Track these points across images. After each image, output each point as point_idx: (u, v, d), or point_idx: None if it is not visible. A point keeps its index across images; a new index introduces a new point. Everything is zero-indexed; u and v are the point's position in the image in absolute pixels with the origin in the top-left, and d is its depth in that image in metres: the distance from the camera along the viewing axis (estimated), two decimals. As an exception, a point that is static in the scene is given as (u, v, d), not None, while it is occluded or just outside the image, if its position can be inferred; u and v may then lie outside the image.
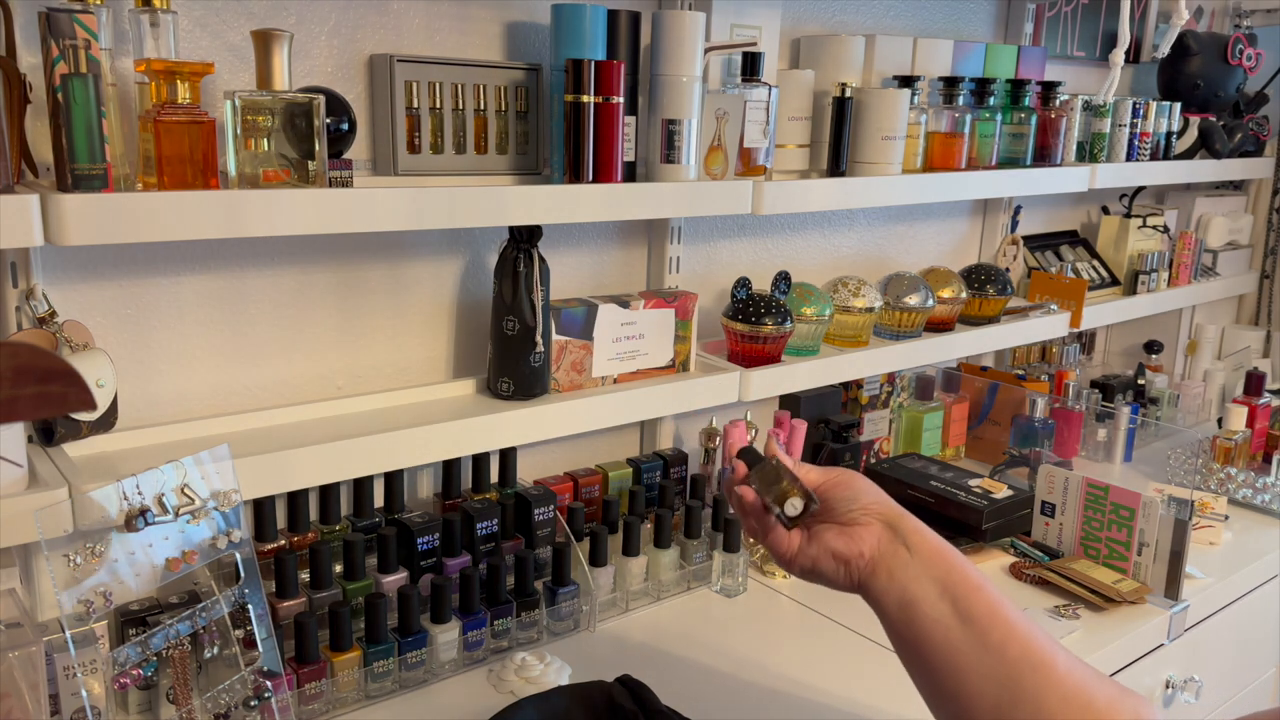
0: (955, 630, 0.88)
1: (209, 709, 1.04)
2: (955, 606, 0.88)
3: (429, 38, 1.38)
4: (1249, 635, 1.77)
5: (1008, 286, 1.96)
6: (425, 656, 1.23)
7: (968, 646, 0.87)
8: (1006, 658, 0.85)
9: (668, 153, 1.44)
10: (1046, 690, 0.84)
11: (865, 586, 0.93)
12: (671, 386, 1.50)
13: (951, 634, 0.88)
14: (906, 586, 0.90)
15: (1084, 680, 0.85)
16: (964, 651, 0.87)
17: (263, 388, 1.34)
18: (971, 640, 0.87)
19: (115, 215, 0.98)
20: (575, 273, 1.60)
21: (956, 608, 0.88)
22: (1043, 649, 0.86)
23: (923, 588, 0.90)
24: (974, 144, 1.86)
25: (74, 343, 1.11)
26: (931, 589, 0.90)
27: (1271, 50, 2.56)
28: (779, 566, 0.98)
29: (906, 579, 0.91)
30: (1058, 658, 0.86)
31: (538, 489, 1.43)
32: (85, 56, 0.99)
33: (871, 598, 0.93)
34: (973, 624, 0.87)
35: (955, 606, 0.88)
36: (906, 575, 0.91)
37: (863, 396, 1.93)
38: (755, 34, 1.60)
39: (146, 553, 0.97)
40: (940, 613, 0.88)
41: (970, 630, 0.87)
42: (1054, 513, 1.64)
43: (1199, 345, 2.58)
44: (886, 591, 0.91)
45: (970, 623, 0.87)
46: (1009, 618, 0.88)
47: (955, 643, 0.87)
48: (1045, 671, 0.85)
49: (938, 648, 0.88)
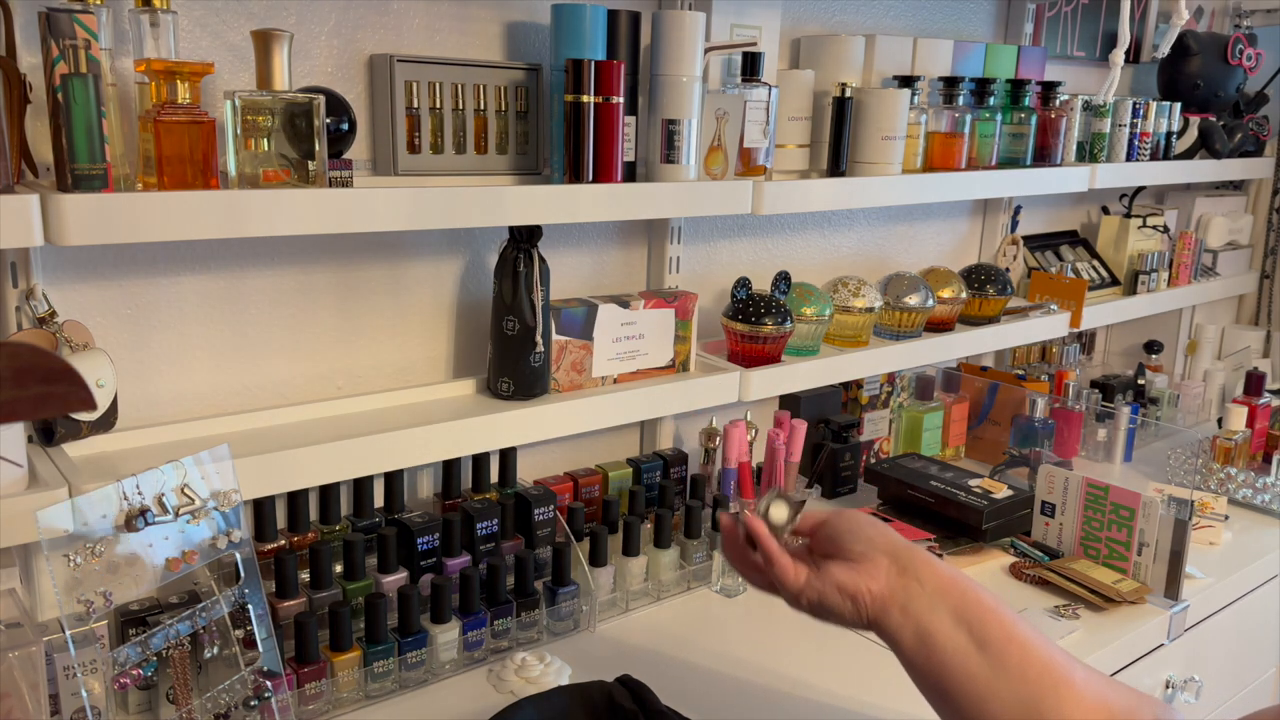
0: (973, 658, 0.88)
1: (209, 709, 1.04)
2: (971, 634, 0.89)
3: (429, 38, 1.38)
4: (1249, 635, 1.77)
5: (1008, 286, 1.96)
6: (425, 656, 1.23)
7: (987, 673, 0.87)
8: (1027, 679, 0.86)
9: (668, 153, 1.44)
10: (1067, 707, 0.85)
11: (878, 624, 0.93)
12: (671, 386, 1.50)
13: (970, 662, 0.88)
14: (921, 619, 0.90)
15: (1101, 693, 0.86)
16: (984, 678, 0.87)
17: (263, 388, 1.34)
18: (990, 666, 0.87)
19: (115, 215, 0.98)
20: (575, 273, 1.60)
21: (973, 635, 0.89)
22: (1060, 666, 0.87)
23: (938, 619, 0.90)
24: (974, 144, 1.86)
25: (74, 343, 1.11)
26: (947, 619, 0.90)
27: (1271, 50, 2.56)
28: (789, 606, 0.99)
29: (920, 611, 0.91)
30: (1075, 673, 0.87)
31: (538, 489, 1.43)
32: (85, 56, 0.99)
33: (887, 634, 0.93)
34: (989, 649, 0.88)
35: (971, 634, 0.89)
36: (920, 608, 0.91)
37: (863, 396, 1.93)
38: (755, 34, 1.60)
39: (146, 553, 0.97)
40: (957, 642, 0.89)
41: (988, 656, 0.88)
42: (1054, 513, 1.64)
43: (1199, 345, 2.58)
44: (902, 627, 0.91)
45: (987, 648, 0.88)
46: (1025, 638, 0.88)
47: (974, 670, 0.88)
48: (1065, 689, 0.85)
49: (958, 677, 0.88)
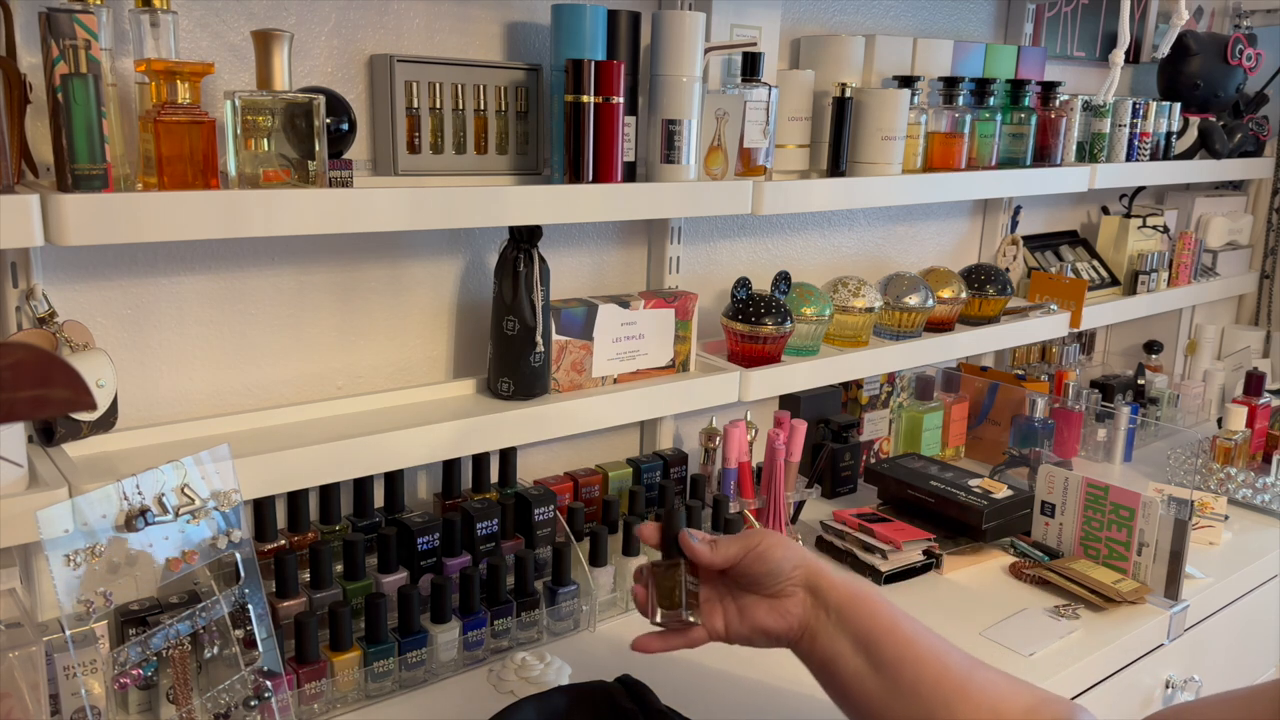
0: (870, 680, 0.93)
1: (209, 709, 1.04)
2: (869, 656, 0.94)
3: (429, 38, 1.38)
4: (1249, 635, 1.77)
5: (1008, 286, 1.96)
6: (425, 656, 1.23)
7: (884, 693, 0.92)
8: (920, 695, 0.91)
9: (668, 153, 1.44)
10: (959, 717, 0.89)
11: (794, 648, 1.00)
12: (671, 386, 1.50)
13: (868, 684, 0.93)
14: (826, 648, 0.96)
15: (998, 697, 0.90)
16: (880, 698, 0.92)
17: (263, 388, 1.34)
18: (886, 687, 0.92)
19: (115, 215, 0.98)
20: (575, 273, 1.60)
21: (870, 658, 0.93)
22: (955, 676, 0.91)
23: (840, 645, 0.95)
24: (974, 144, 1.86)
25: (74, 343, 1.11)
26: (847, 645, 0.95)
27: (1271, 50, 2.56)
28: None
29: (826, 640, 0.96)
30: (971, 681, 0.91)
31: (538, 489, 1.43)
32: (85, 56, 0.99)
33: (799, 655, 1.00)
34: (885, 670, 0.92)
35: (869, 656, 0.94)
36: (826, 637, 0.96)
37: (863, 396, 1.93)
38: (755, 34, 1.60)
39: (146, 553, 0.97)
40: (856, 666, 0.94)
41: (884, 677, 0.92)
42: (1054, 513, 1.64)
43: (1199, 345, 2.58)
44: (810, 654, 0.98)
45: (883, 669, 0.93)
46: (919, 655, 0.93)
47: (872, 692, 0.93)
48: (957, 700, 0.90)
49: (858, 699, 0.94)
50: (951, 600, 1.50)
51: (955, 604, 1.49)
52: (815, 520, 1.67)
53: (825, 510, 1.72)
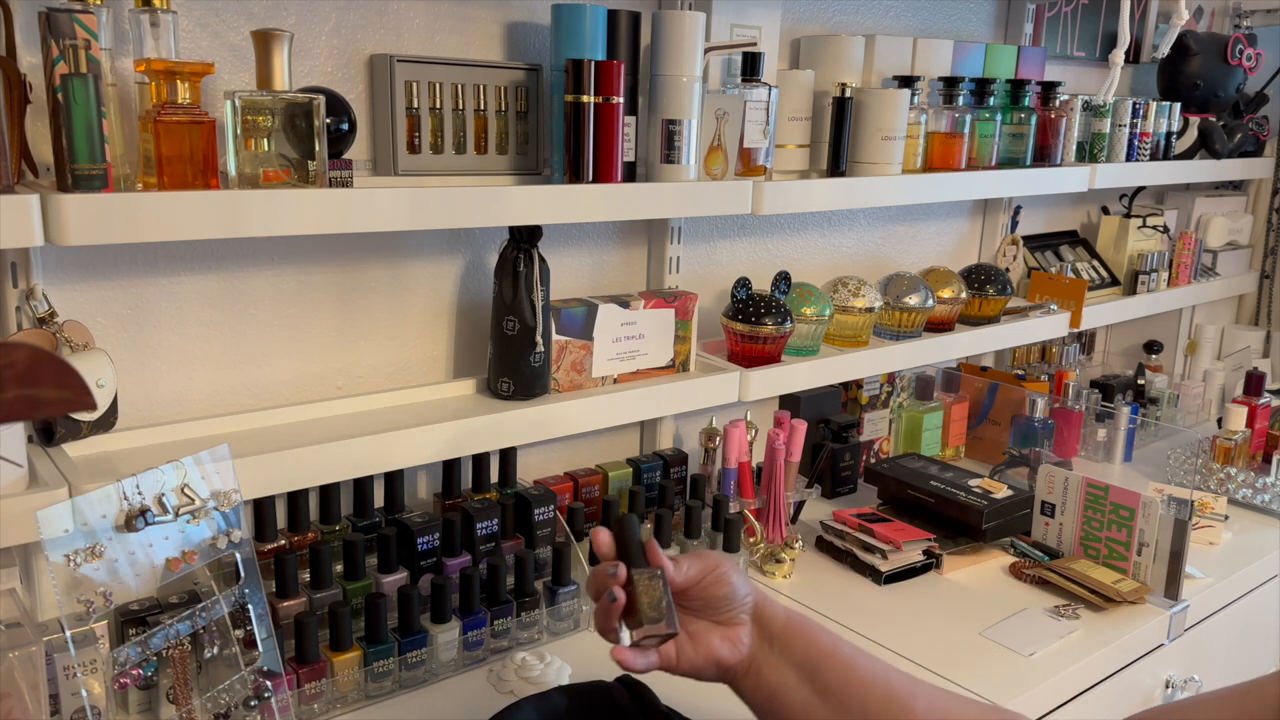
0: (819, 710, 0.92)
1: (209, 709, 1.04)
2: (814, 684, 0.92)
3: (429, 38, 1.38)
4: (1249, 635, 1.77)
5: (1008, 286, 1.96)
6: (425, 656, 1.23)
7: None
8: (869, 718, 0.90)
9: (668, 153, 1.44)
10: None
11: (735, 685, 0.97)
12: (671, 386, 1.50)
13: (816, 715, 0.92)
14: (771, 681, 0.94)
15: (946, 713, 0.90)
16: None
17: (263, 388, 1.34)
18: (835, 714, 0.91)
19: (115, 215, 0.98)
20: (575, 273, 1.60)
21: (815, 685, 0.92)
22: (901, 697, 0.90)
23: (785, 676, 0.93)
24: (974, 144, 1.86)
25: (74, 343, 1.11)
26: (792, 675, 0.93)
27: (1271, 50, 2.56)
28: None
29: (772, 670, 0.94)
30: (917, 701, 0.90)
31: (538, 489, 1.43)
32: (85, 56, 0.99)
33: (742, 694, 0.97)
34: (830, 697, 0.91)
35: (814, 684, 0.92)
36: (771, 666, 0.94)
37: (863, 396, 1.93)
38: (755, 34, 1.60)
39: (146, 553, 0.97)
40: (803, 696, 0.92)
41: (831, 705, 0.91)
42: (1054, 513, 1.64)
43: (1199, 345, 2.58)
44: (756, 689, 0.95)
45: (829, 696, 0.91)
46: (862, 678, 0.92)
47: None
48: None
49: None
50: (951, 600, 1.50)
51: (955, 604, 1.49)
52: (815, 520, 1.67)
53: (825, 510, 1.72)
